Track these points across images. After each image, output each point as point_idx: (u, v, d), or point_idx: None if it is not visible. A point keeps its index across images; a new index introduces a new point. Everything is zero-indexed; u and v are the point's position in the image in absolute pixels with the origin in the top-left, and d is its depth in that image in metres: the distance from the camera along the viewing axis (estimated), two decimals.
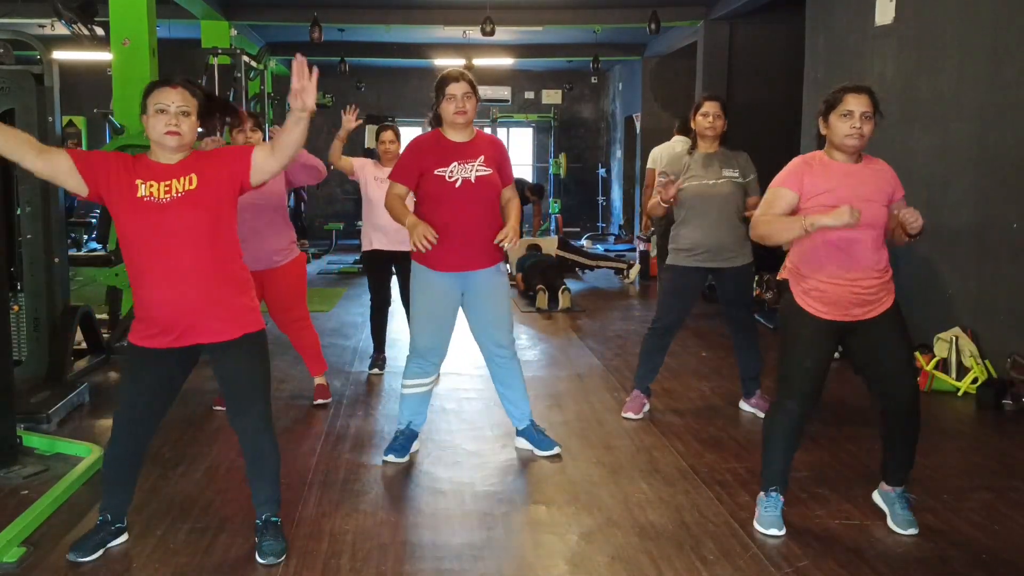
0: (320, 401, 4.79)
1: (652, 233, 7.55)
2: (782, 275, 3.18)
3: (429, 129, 3.86)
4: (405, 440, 3.97)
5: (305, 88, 2.66)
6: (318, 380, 4.86)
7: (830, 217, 2.84)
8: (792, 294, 3.11)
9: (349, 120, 5.14)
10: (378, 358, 5.64)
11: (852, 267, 3.01)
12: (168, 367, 2.90)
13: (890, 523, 3.19)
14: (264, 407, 2.96)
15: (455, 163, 3.67)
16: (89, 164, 2.74)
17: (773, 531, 3.12)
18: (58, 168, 2.72)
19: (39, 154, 2.69)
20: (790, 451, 3.18)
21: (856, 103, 2.98)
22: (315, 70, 2.67)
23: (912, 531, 3.13)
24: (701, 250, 4.37)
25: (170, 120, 2.73)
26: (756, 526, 3.16)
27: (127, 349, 2.94)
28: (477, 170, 3.68)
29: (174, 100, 2.75)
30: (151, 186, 2.73)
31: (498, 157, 3.80)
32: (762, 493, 3.21)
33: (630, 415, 4.55)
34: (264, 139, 4.67)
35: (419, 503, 3.46)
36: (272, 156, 2.82)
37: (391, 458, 3.91)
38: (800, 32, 7.87)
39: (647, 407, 4.62)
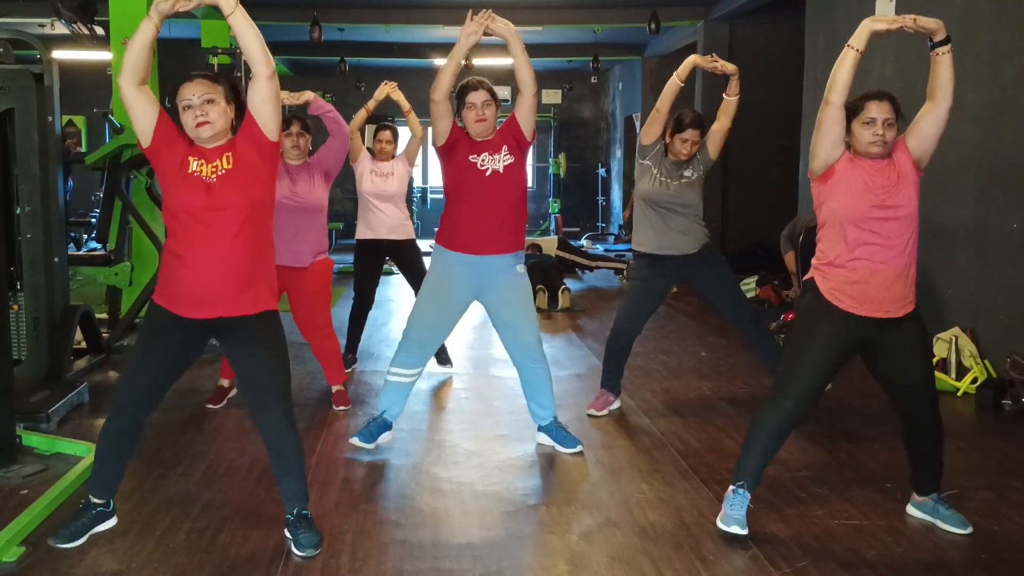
0: (341, 408, 4.71)
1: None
2: (809, 276, 3.14)
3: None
4: (376, 428, 4.00)
5: None
6: (336, 387, 4.81)
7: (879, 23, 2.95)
8: (819, 290, 3.06)
9: (383, 90, 5.09)
10: (350, 358, 5.58)
11: (889, 247, 2.96)
12: (183, 337, 2.93)
13: (944, 527, 3.16)
14: (287, 404, 2.97)
15: (485, 153, 3.80)
16: (166, 122, 2.85)
17: (735, 529, 3.05)
18: (145, 107, 2.81)
19: (140, 84, 2.78)
20: (772, 451, 3.14)
21: (878, 110, 2.97)
22: None
23: (969, 529, 3.13)
24: (661, 246, 4.41)
25: (196, 112, 2.81)
26: (719, 523, 3.11)
27: (149, 308, 2.99)
28: (504, 159, 3.81)
29: (195, 92, 2.83)
30: (201, 164, 2.83)
31: (512, 133, 3.88)
32: (731, 487, 3.15)
33: (592, 411, 4.57)
34: (310, 146, 4.65)
35: (419, 503, 3.46)
36: (253, 84, 2.87)
37: (356, 441, 3.97)
38: (800, 32, 7.88)
39: (614, 405, 4.64)
